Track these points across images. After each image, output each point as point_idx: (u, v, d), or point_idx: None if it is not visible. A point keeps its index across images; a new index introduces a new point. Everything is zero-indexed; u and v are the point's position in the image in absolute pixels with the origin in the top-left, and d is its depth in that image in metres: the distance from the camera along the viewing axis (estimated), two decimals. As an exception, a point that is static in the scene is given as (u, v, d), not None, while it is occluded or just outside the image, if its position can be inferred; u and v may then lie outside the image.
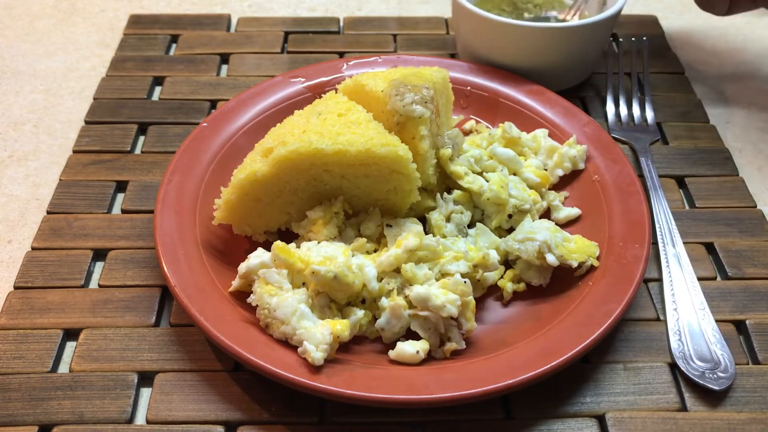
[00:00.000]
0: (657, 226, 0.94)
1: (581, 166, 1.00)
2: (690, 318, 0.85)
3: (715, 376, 0.80)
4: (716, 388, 0.79)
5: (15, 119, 1.15)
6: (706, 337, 0.83)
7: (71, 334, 0.85)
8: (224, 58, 1.26)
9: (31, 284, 0.89)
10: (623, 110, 1.14)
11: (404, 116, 0.87)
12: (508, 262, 0.91)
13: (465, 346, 0.81)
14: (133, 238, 0.95)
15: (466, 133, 1.08)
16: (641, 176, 1.02)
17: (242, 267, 0.83)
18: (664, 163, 1.07)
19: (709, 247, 0.96)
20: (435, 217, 0.91)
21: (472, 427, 0.77)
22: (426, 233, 0.90)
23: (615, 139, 1.05)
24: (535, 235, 0.86)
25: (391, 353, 0.79)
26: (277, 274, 0.81)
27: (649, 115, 1.13)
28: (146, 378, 0.81)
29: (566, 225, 0.95)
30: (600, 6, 1.18)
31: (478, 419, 0.78)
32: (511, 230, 0.93)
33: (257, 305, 0.81)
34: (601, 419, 0.78)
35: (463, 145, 0.98)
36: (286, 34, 1.31)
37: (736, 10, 1.13)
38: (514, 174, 0.98)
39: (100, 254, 0.94)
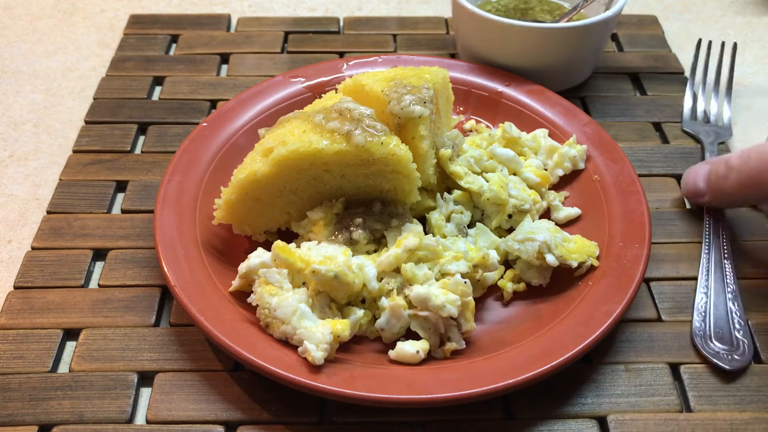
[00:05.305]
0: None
1: (581, 165, 1.00)
2: (719, 302, 0.86)
3: (731, 357, 0.81)
4: (727, 367, 0.80)
5: (15, 119, 1.15)
6: (731, 323, 0.84)
7: (71, 334, 0.85)
8: (224, 58, 1.26)
9: (31, 284, 0.89)
10: (701, 105, 1.14)
11: (404, 118, 0.87)
12: (508, 262, 0.91)
13: (465, 346, 0.81)
14: (133, 238, 0.95)
15: (466, 133, 1.08)
16: None
17: (242, 267, 0.83)
18: (664, 163, 1.07)
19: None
20: (435, 217, 0.91)
21: (472, 427, 0.77)
22: (426, 233, 0.90)
23: (685, 132, 1.05)
24: (535, 235, 0.86)
25: (391, 353, 0.79)
26: (277, 273, 0.81)
27: (726, 115, 1.13)
28: (146, 378, 0.81)
29: (566, 225, 0.95)
30: (601, 6, 1.18)
31: (478, 419, 0.78)
32: (511, 230, 0.93)
33: (257, 305, 0.81)
34: (602, 421, 0.78)
35: (463, 145, 0.98)
36: (286, 34, 1.31)
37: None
38: (514, 174, 0.98)
39: (100, 254, 0.94)
